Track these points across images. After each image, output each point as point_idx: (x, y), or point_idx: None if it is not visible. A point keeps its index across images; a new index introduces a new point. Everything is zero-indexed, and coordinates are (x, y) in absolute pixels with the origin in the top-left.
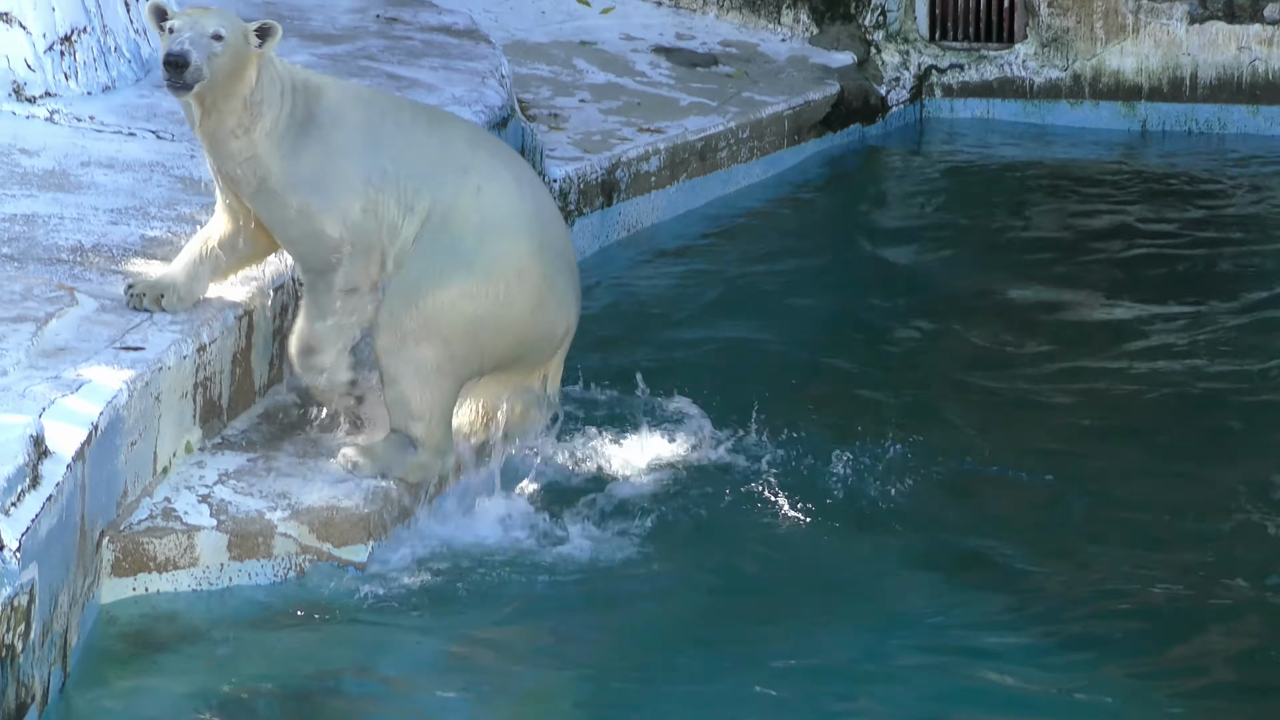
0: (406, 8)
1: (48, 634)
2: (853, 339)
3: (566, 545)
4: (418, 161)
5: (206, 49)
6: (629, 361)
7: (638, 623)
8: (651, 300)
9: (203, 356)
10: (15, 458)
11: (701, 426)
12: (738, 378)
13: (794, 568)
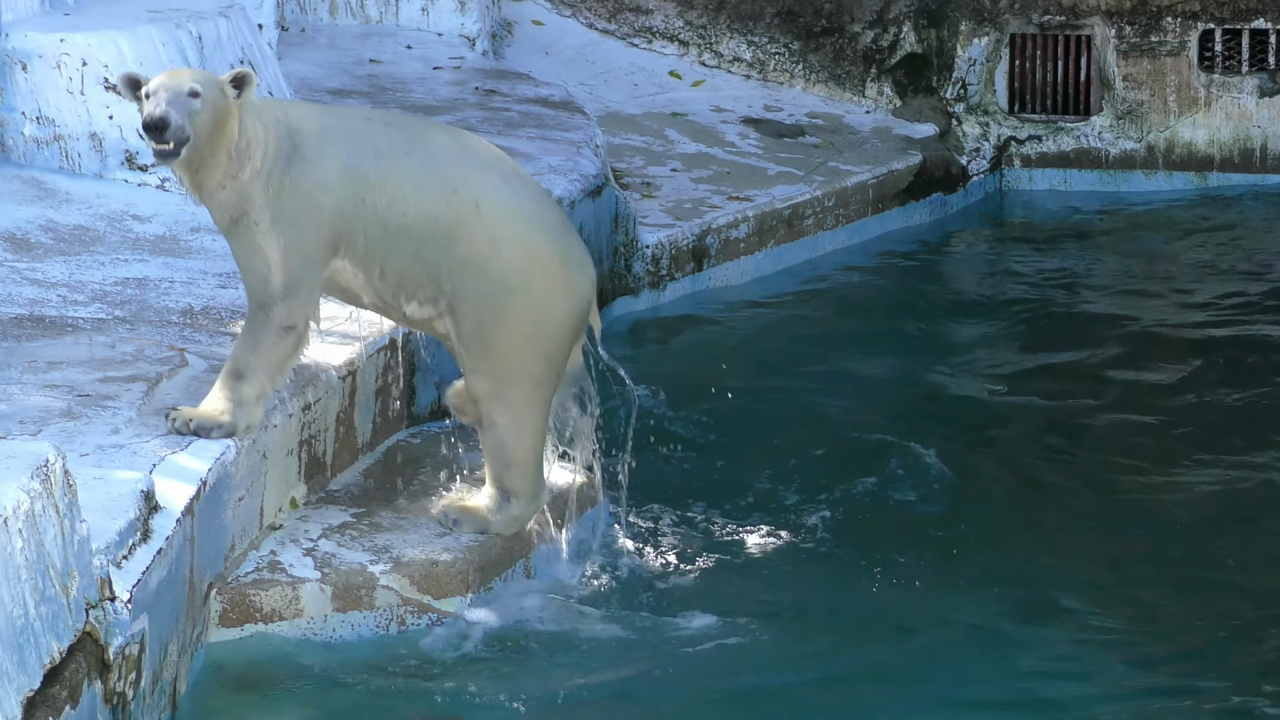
0: (505, 80)
1: (158, 682)
2: (929, 405)
3: (659, 602)
4: (401, 187)
5: (185, 108)
6: (712, 419)
7: (728, 684)
8: (736, 362)
9: (307, 415)
10: (127, 512)
11: (776, 488)
12: (813, 438)
13: (868, 629)
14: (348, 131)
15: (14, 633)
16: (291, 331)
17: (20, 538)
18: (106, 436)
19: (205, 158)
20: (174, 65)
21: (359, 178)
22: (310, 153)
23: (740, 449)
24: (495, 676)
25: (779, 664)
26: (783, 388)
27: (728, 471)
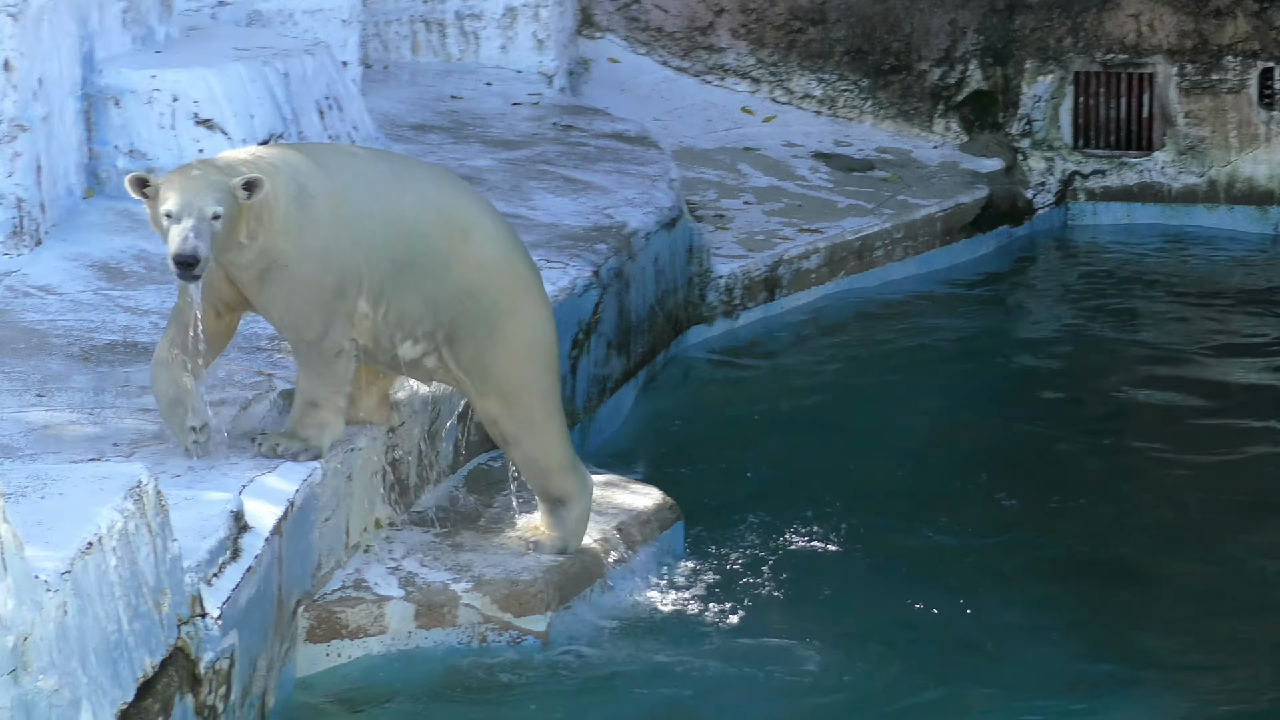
0: (582, 116)
1: (247, 696)
2: (993, 430)
3: (732, 621)
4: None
5: (209, 232)
6: (783, 443)
7: (799, 704)
8: (807, 387)
9: (392, 438)
10: (217, 532)
11: (846, 511)
12: (882, 462)
13: (935, 650)
14: (342, 167)
15: (108, 647)
16: (341, 354)
17: (114, 556)
18: (197, 459)
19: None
20: (263, 102)
21: (364, 211)
22: (318, 188)
23: (811, 472)
24: (572, 694)
25: (849, 683)
26: (852, 413)
27: (799, 494)
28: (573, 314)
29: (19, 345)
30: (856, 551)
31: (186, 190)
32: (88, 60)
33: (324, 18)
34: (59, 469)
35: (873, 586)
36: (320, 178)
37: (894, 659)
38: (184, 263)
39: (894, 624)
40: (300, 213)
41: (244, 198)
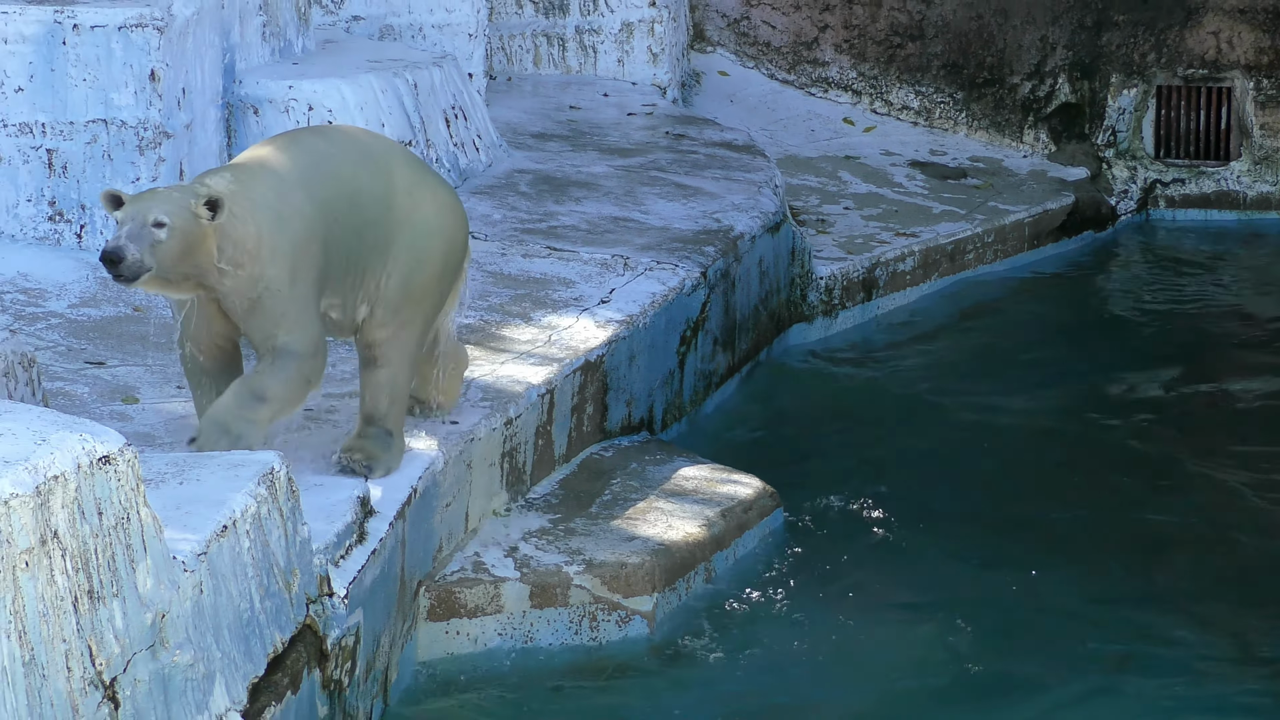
0: (692, 125)
1: (371, 671)
2: (1081, 422)
3: (828, 605)
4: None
5: (148, 239)
6: (879, 434)
7: (897, 686)
8: (901, 381)
9: (509, 429)
10: (344, 516)
11: (939, 498)
12: (974, 452)
13: (1030, 638)
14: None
15: (241, 624)
16: (309, 386)
17: (247, 538)
18: (326, 446)
19: (186, 274)
20: (393, 111)
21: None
22: (292, 209)
23: (904, 462)
24: (675, 669)
25: (935, 663)
26: (943, 407)
27: (893, 483)
28: (681, 312)
29: (160, 340)
30: (945, 537)
31: (137, 201)
32: (229, 71)
33: (451, 32)
34: (196, 456)
35: (960, 572)
36: (285, 192)
37: (979, 641)
38: (108, 259)
39: (982, 608)
40: (282, 238)
41: (207, 217)
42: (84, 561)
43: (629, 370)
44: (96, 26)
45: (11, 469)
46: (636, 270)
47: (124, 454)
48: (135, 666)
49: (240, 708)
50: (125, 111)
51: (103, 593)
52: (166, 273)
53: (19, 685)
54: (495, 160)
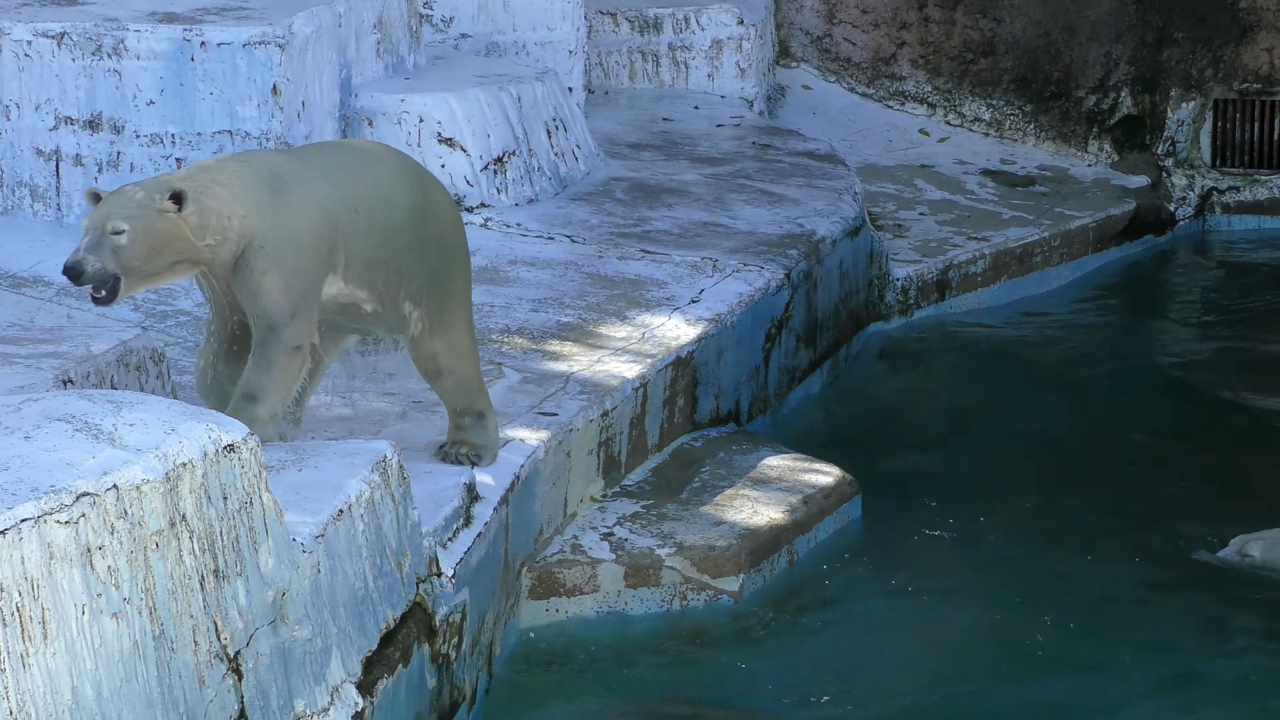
0: (777, 136)
1: (476, 645)
2: (1142, 416)
3: (903, 588)
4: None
5: (107, 247)
6: (952, 426)
7: (971, 671)
8: (974, 377)
9: (605, 420)
10: (452, 501)
11: (1011, 488)
12: (1043, 443)
13: (1094, 631)
14: (316, 155)
15: (355, 602)
16: (299, 352)
17: (362, 522)
18: (436, 437)
19: (169, 264)
20: (498, 123)
21: (346, 190)
22: (295, 177)
23: (975, 453)
24: (759, 645)
25: (1004, 646)
26: (1012, 401)
27: (965, 472)
28: (766, 311)
29: None
30: (1016, 526)
31: (100, 207)
32: (346, 85)
33: (553, 49)
34: (315, 445)
35: (1030, 558)
36: (293, 167)
37: (1049, 626)
38: (69, 273)
39: (1052, 594)
40: (275, 198)
41: (173, 210)
42: (210, 543)
43: (717, 365)
44: (223, 44)
45: (143, 456)
46: (725, 272)
47: (247, 442)
48: (257, 641)
49: (355, 679)
50: (249, 123)
51: (227, 572)
52: (141, 271)
53: (150, 658)
54: (593, 169)
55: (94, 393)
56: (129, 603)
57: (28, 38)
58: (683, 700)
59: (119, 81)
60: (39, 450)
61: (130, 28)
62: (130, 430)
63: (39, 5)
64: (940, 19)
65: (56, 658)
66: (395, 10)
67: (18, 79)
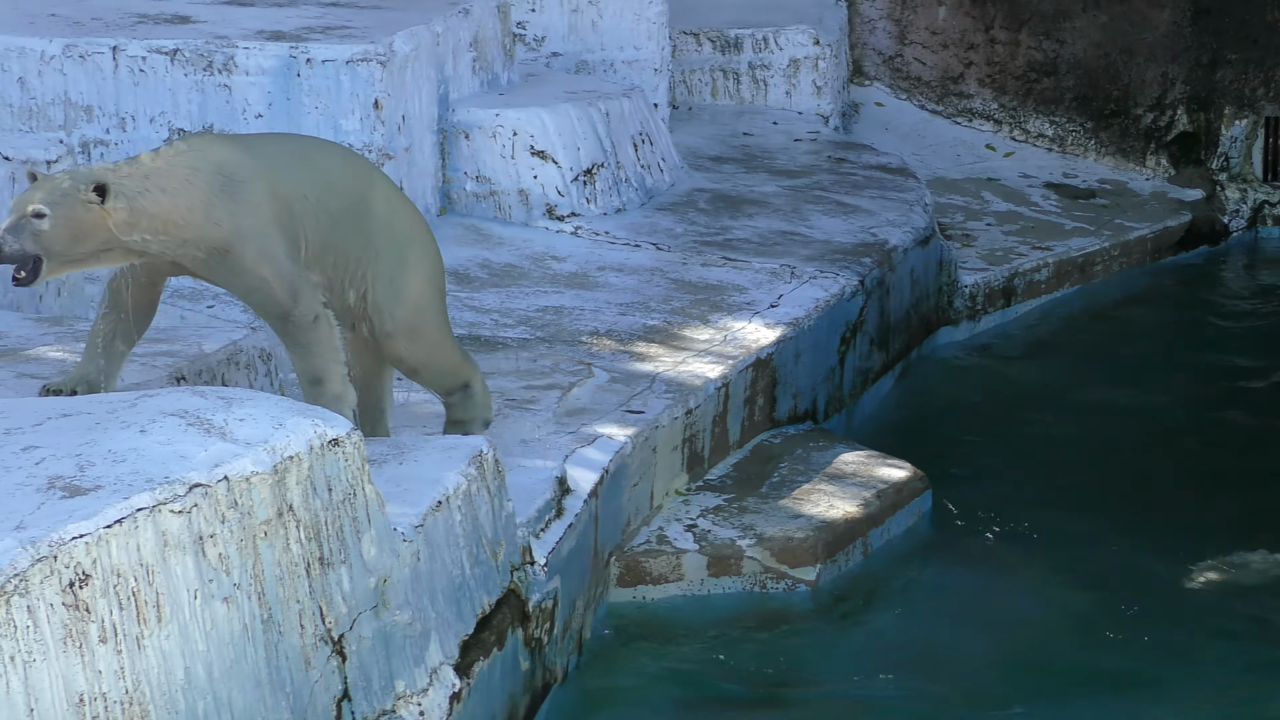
0: (851, 150)
1: (567, 631)
2: (1203, 418)
3: (973, 578)
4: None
5: (28, 230)
6: (1020, 425)
7: (1045, 660)
8: (1038, 379)
9: (689, 418)
10: (544, 494)
11: (1075, 483)
12: (1109, 443)
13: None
14: (264, 148)
15: (453, 588)
16: (319, 321)
17: (459, 513)
18: (529, 432)
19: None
20: (587, 137)
21: (295, 176)
22: (245, 174)
23: (1041, 449)
24: (835, 632)
25: (1083, 640)
26: (1075, 401)
27: (1031, 467)
28: (841, 316)
29: None
30: (1080, 520)
31: (27, 191)
32: (443, 100)
33: (639, 67)
34: (415, 440)
35: (1092, 552)
36: (245, 161)
37: (1114, 618)
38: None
39: (1116, 587)
40: (232, 200)
41: (95, 201)
42: (315, 532)
43: (795, 367)
44: (327, 60)
45: (253, 450)
46: (802, 278)
47: (351, 437)
48: (360, 625)
49: (453, 662)
50: (352, 136)
51: (332, 559)
52: (64, 256)
53: (258, 641)
54: (677, 181)
55: (206, 389)
56: (239, 588)
57: (143, 54)
58: (761, 682)
59: (229, 96)
60: (154, 443)
61: (240, 45)
62: (240, 425)
63: (153, 23)
64: (1006, 40)
65: (170, 640)
66: (490, 30)
67: (133, 93)
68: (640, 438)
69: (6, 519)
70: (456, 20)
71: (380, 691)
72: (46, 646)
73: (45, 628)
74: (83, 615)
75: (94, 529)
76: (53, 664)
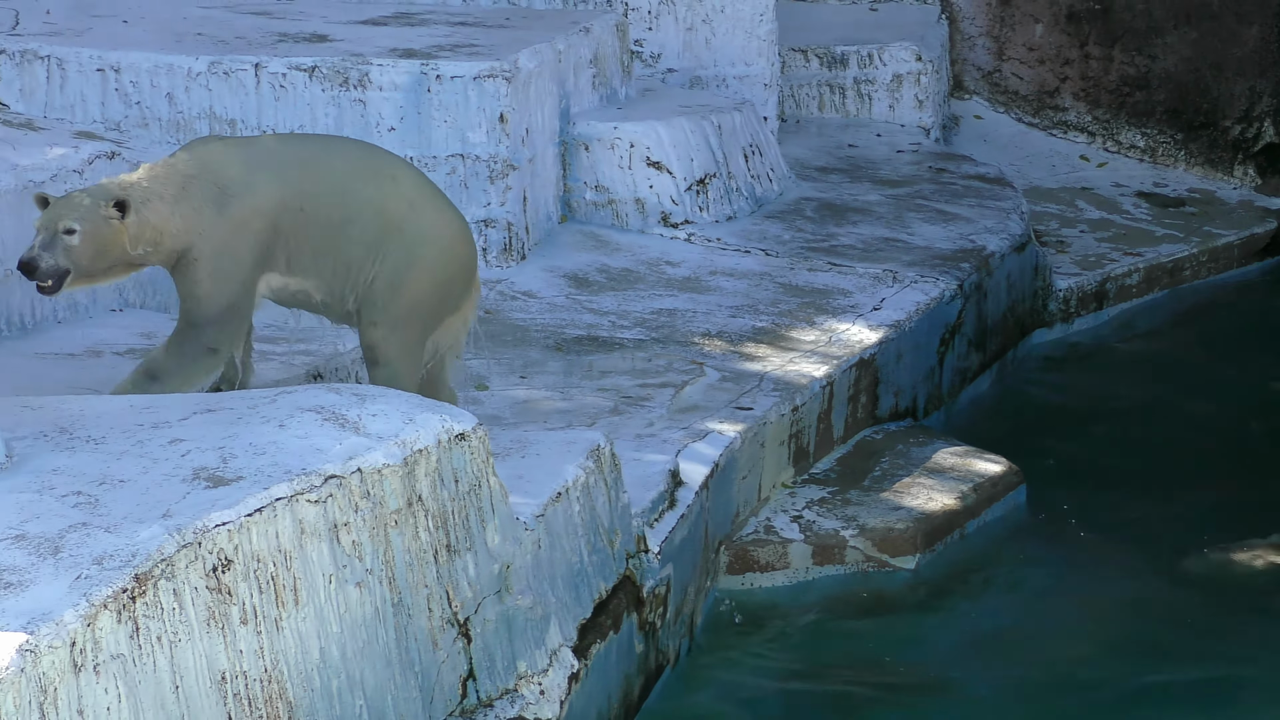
0: (951, 161)
1: (679, 615)
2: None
3: (1066, 572)
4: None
5: (60, 246)
6: (1112, 423)
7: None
8: (1129, 378)
9: (796, 415)
10: (658, 486)
11: (1163, 481)
12: (1198, 443)
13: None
14: (270, 155)
15: (572, 575)
16: (215, 354)
17: (578, 503)
18: (643, 428)
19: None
20: (700, 148)
21: (294, 192)
22: (239, 188)
23: (1131, 445)
24: (933, 618)
25: (1167, 630)
26: (1167, 400)
27: (1123, 462)
28: (941, 318)
29: (507, 338)
30: (1165, 512)
31: (51, 210)
32: (565, 114)
33: (750, 82)
34: (536, 434)
35: (1179, 543)
36: (242, 174)
37: (1198, 604)
38: (24, 269)
39: (1206, 578)
40: (217, 213)
41: (116, 217)
42: (443, 521)
43: (896, 366)
44: (456, 77)
45: (384, 444)
46: (904, 282)
47: (476, 432)
48: (485, 608)
49: (571, 644)
50: (479, 147)
51: (458, 547)
52: (86, 271)
53: (389, 623)
54: (785, 190)
55: (341, 386)
56: (371, 574)
57: (283, 71)
58: (863, 665)
59: (363, 110)
60: (292, 437)
61: (374, 62)
62: (373, 420)
63: (293, 42)
64: (1099, 56)
65: (306, 622)
66: (609, 47)
67: (274, 107)
68: (749, 433)
69: (154, 507)
70: (578, 38)
71: (503, 671)
72: (191, 627)
73: (190, 610)
74: (225, 598)
75: (236, 517)
76: (196, 644)
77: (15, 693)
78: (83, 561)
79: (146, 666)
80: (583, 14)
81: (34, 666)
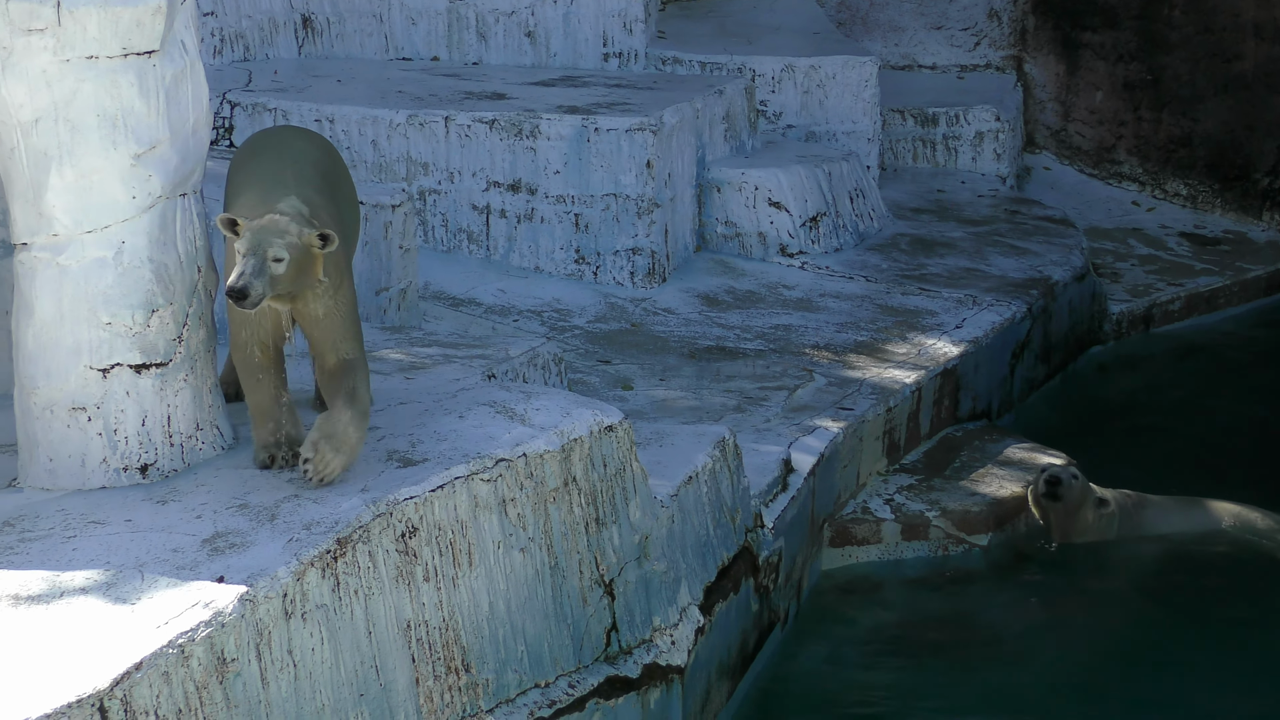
0: (1024, 205)
1: (789, 580)
2: None
3: (1123, 548)
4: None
5: (267, 274)
6: (1159, 430)
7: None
8: (1173, 390)
9: (889, 414)
10: (773, 472)
11: (1201, 473)
12: (1238, 448)
13: None
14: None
15: (699, 545)
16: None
17: (706, 486)
18: (761, 424)
19: (291, 293)
20: (813, 191)
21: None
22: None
23: (1174, 446)
24: (1002, 586)
25: (1216, 610)
26: (1206, 407)
27: (1167, 460)
28: (1012, 335)
29: (649, 347)
30: (1208, 494)
31: (257, 235)
32: (701, 161)
33: (856, 136)
34: (671, 428)
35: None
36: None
37: (1235, 591)
38: (235, 294)
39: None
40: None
41: (319, 247)
42: (593, 498)
43: (974, 375)
44: (611, 129)
45: (545, 433)
46: (982, 305)
47: (622, 424)
48: (626, 572)
49: (698, 603)
50: (629, 189)
51: (605, 520)
52: (280, 289)
53: (547, 583)
54: (884, 227)
55: (511, 385)
56: (532, 541)
57: (468, 122)
58: (944, 625)
59: (534, 156)
60: (469, 427)
61: (543, 116)
62: (537, 413)
63: (477, 99)
64: (1150, 118)
65: (478, 580)
66: (739, 106)
67: (460, 153)
68: (850, 429)
69: (354, 483)
70: (712, 98)
71: (641, 625)
72: (383, 583)
73: (382, 568)
74: (411, 559)
75: (421, 492)
76: (387, 597)
77: (236, 635)
78: (294, 526)
79: (345, 615)
80: (717, 79)
81: (252, 613)
